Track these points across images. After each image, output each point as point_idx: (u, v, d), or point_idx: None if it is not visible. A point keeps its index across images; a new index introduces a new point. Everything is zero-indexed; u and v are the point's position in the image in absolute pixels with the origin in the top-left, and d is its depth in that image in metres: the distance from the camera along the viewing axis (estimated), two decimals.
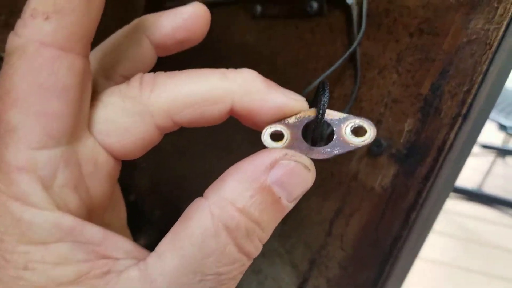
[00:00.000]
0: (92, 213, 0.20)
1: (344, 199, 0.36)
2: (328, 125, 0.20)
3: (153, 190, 0.56)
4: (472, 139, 0.30)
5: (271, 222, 0.19)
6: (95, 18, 0.17)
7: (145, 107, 0.19)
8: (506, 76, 0.30)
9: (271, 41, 0.44)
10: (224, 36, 0.49)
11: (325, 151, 0.20)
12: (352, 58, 0.37)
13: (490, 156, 2.23)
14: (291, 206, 0.20)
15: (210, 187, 0.19)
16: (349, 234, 0.36)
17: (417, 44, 0.32)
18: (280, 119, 0.20)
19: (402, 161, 0.32)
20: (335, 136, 0.20)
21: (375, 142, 0.33)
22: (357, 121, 0.20)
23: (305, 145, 0.20)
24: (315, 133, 0.20)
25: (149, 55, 0.23)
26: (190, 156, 0.54)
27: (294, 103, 0.20)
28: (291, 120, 0.20)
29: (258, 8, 0.45)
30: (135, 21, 0.23)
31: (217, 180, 0.19)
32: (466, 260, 1.59)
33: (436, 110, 0.30)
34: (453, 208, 1.85)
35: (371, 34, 0.36)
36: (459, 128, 0.29)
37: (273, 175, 0.18)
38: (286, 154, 0.19)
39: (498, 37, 0.28)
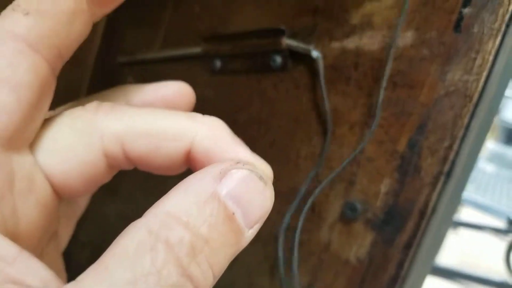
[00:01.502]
0: (14, 239, 0.16)
1: (315, 273, 0.31)
2: None
3: None
4: (456, 200, 0.27)
5: (224, 243, 0.15)
6: (75, 37, 0.17)
7: (94, 128, 0.18)
8: (487, 130, 0.27)
9: (231, 97, 0.41)
10: None
11: None
12: (320, 113, 0.34)
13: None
14: (249, 234, 0.16)
15: (151, 207, 0.16)
16: None
17: (390, 98, 0.30)
18: None
19: (380, 228, 0.28)
20: None
21: (349, 206, 0.29)
22: None
23: None
24: None
25: None
26: None
27: (258, 163, 0.18)
28: None
29: (218, 63, 0.42)
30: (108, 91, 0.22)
31: (160, 199, 0.16)
32: None
33: (415, 168, 0.27)
34: None
35: (340, 89, 0.33)
36: (442, 188, 0.26)
37: (224, 185, 0.16)
38: (237, 163, 0.16)
39: (479, 89, 0.26)
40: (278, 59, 0.37)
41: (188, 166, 0.19)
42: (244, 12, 0.42)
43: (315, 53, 0.35)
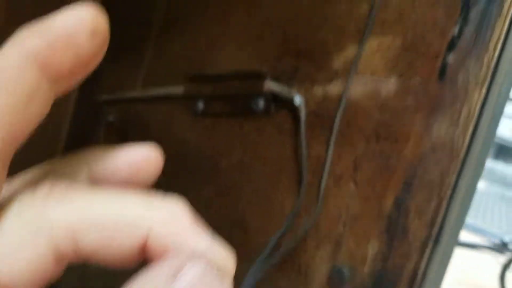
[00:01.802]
0: None
1: None
2: None
3: None
4: (444, 265, 0.25)
5: None
6: (32, 118, 0.15)
7: (43, 220, 0.16)
8: (475, 186, 0.26)
9: (213, 141, 0.40)
10: (163, 133, 0.44)
11: None
12: (303, 163, 0.32)
13: None
14: None
15: None
16: None
17: (374, 150, 0.28)
18: None
19: None
20: None
21: (336, 270, 0.27)
22: None
23: None
24: None
25: None
26: None
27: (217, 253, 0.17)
28: None
29: (200, 105, 0.41)
30: (80, 152, 0.20)
31: None
32: None
33: (403, 230, 0.26)
34: None
35: (323, 138, 0.31)
36: (431, 254, 0.24)
37: (177, 285, 0.14)
38: (193, 256, 0.15)
39: (465, 144, 0.25)
40: (261, 103, 0.36)
41: (144, 257, 0.18)
42: (226, 52, 0.41)
43: (297, 100, 0.33)
